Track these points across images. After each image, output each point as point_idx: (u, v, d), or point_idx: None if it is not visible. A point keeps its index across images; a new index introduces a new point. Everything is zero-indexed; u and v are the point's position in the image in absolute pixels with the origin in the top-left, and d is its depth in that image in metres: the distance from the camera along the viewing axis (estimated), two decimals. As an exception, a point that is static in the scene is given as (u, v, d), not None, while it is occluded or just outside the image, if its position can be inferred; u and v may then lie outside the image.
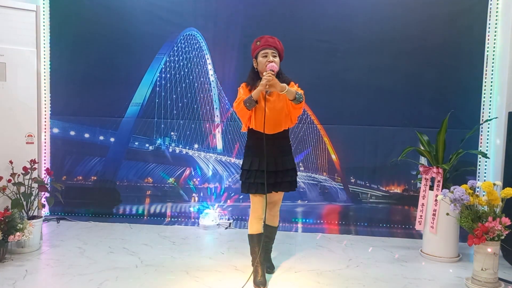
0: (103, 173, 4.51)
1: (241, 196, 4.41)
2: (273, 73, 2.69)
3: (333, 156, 4.33)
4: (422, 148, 3.76)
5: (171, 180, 4.47)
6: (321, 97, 4.24)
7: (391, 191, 4.28)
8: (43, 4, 4.36)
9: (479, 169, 4.11)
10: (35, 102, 3.66)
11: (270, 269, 3.11)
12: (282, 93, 2.68)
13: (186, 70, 4.42)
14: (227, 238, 3.97)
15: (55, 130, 4.50)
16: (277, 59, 2.83)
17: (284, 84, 2.69)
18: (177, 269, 3.12)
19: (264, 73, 2.68)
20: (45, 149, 4.41)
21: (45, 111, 4.40)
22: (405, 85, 4.17)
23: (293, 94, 2.71)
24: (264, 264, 2.94)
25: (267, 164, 2.82)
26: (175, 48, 4.39)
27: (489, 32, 4.02)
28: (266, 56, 2.83)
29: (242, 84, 2.90)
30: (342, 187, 4.36)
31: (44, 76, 4.38)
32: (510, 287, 2.95)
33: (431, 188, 3.59)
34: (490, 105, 4.05)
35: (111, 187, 4.51)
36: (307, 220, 4.35)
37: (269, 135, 2.82)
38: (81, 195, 4.50)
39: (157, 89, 4.42)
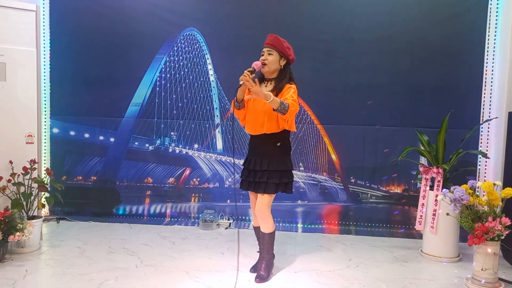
0: (103, 173, 4.51)
1: (241, 196, 4.42)
2: (252, 69, 2.74)
3: (333, 156, 4.33)
4: (422, 148, 3.76)
5: None
6: (321, 97, 4.24)
7: (391, 191, 4.28)
8: (43, 4, 4.35)
9: (479, 169, 4.10)
10: (35, 102, 3.66)
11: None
12: (268, 101, 2.61)
13: (186, 70, 4.42)
14: (227, 238, 3.97)
15: (55, 130, 4.50)
16: (271, 57, 2.83)
17: (269, 93, 2.62)
18: (177, 269, 3.12)
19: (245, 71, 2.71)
20: (45, 149, 4.41)
21: (45, 111, 4.40)
22: (405, 85, 4.17)
23: (277, 104, 2.61)
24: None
25: (250, 162, 2.92)
26: (175, 48, 4.39)
27: (489, 32, 4.01)
28: (263, 55, 2.87)
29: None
30: (342, 187, 4.36)
31: (44, 76, 4.38)
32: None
33: (431, 188, 3.59)
34: (490, 105, 4.04)
35: (111, 187, 4.51)
36: (307, 220, 4.34)
37: (254, 135, 2.92)
38: (81, 195, 4.50)
39: (157, 89, 4.42)
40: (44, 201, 3.76)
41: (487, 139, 4.06)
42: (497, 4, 3.98)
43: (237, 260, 3.03)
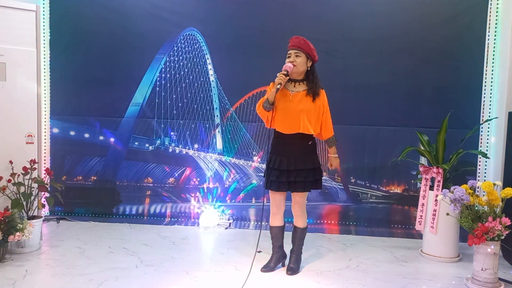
0: (103, 173, 4.51)
1: (240, 195, 4.42)
2: (286, 73, 2.84)
3: (333, 156, 4.32)
4: (422, 148, 3.76)
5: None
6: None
7: (391, 191, 4.28)
8: (43, 4, 4.36)
9: (479, 169, 4.10)
10: (35, 102, 3.66)
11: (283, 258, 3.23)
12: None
13: (186, 70, 4.42)
14: (227, 238, 3.97)
15: (55, 130, 4.50)
16: (299, 59, 2.90)
17: (336, 156, 3.13)
18: (177, 269, 3.12)
19: (278, 74, 2.83)
20: (45, 149, 4.40)
21: (45, 111, 4.40)
22: (405, 85, 4.17)
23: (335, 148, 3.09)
24: (278, 253, 3.14)
25: (281, 163, 2.92)
26: (175, 48, 4.39)
27: (489, 32, 4.01)
28: (289, 57, 2.92)
29: (271, 83, 2.97)
30: (342, 187, 4.36)
31: (44, 76, 4.38)
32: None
33: (431, 188, 3.59)
34: (490, 105, 4.04)
35: (111, 187, 4.51)
36: (307, 220, 4.32)
37: (286, 135, 2.93)
38: (81, 195, 4.50)
39: (157, 89, 4.42)
40: (44, 201, 3.76)
41: (487, 139, 4.06)
42: (497, 4, 3.97)
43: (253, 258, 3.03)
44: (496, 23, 4.00)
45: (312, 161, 2.97)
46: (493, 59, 4.01)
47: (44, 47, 4.34)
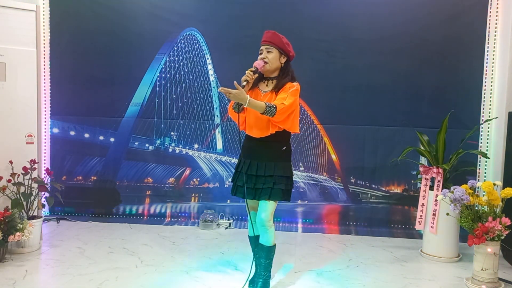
0: (103, 173, 4.51)
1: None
2: (255, 69, 2.58)
3: (333, 156, 4.33)
4: (422, 148, 3.76)
5: None
6: (321, 97, 4.24)
7: (391, 191, 4.28)
8: (43, 4, 4.35)
9: (479, 169, 4.10)
10: (35, 102, 3.66)
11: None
12: (245, 106, 2.43)
13: (186, 70, 4.42)
14: (227, 238, 3.97)
15: (55, 130, 4.50)
16: (271, 55, 2.63)
17: (246, 97, 2.42)
18: (177, 269, 3.12)
19: (246, 71, 2.56)
20: (45, 149, 4.41)
21: (45, 111, 4.40)
22: (405, 85, 4.17)
23: (261, 108, 2.43)
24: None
25: (250, 167, 2.64)
26: (175, 48, 4.39)
27: (489, 32, 4.01)
28: (261, 53, 2.68)
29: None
30: (342, 187, 4.36)
31: (44, 76, 4.38)
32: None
33: (431, 188, 3.59)
34: (490, 105, 4.04)
35: (111, 187, 4.51)
36: (307, 220, 4.34)
37: (256, 138, 2.65)
38: (81, 195, 4.50)
39: (157, 89, 4.42)
40: (44, 201, 3.76)
41: (487, 139, 4.06)
42: (497, 4, 3.97)
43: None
44: (496, 23, 4.00)
45: (283, 168, 2.61)
46: (493, 59, 4.01)
47: (44, 47, 4.34)
